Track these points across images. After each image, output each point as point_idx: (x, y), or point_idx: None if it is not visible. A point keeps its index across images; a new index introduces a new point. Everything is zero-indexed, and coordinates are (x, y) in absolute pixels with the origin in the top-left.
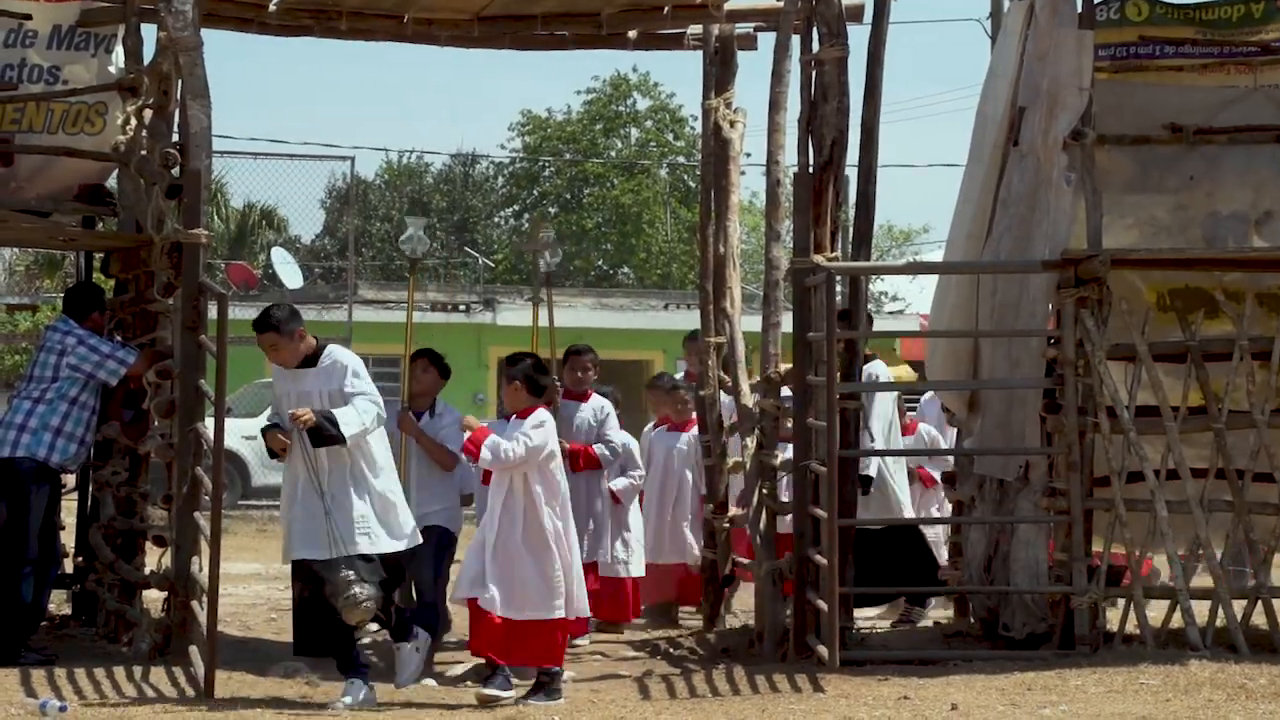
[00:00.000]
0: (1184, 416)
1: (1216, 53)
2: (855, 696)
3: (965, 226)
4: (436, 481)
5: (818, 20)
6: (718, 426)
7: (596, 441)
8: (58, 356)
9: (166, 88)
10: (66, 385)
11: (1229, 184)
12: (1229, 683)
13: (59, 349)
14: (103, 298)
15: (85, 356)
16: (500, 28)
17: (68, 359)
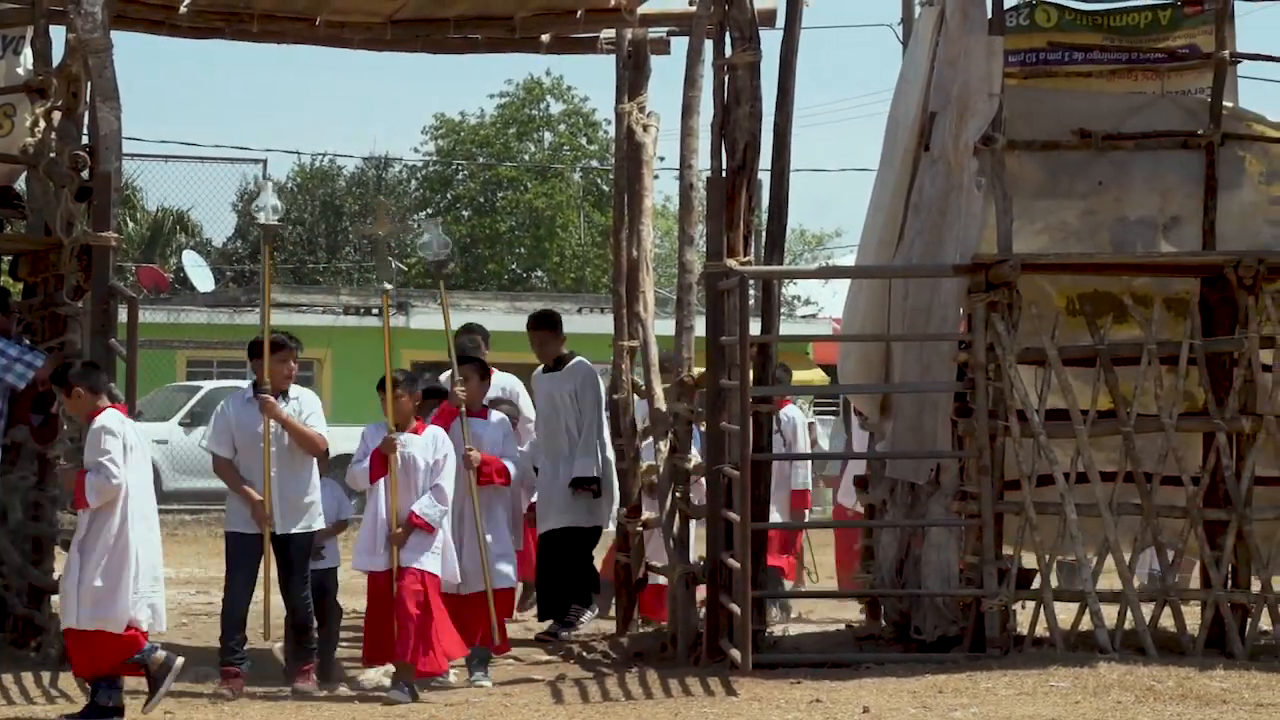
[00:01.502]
0: (1093, 420)
1: (1124, 59)
2: (767, 699)
3: (877, 231)
4: None
5: (730, 25)
6: (631, 431)
7: None
8: None
9: (76, 90)
10: None
11: (1137, 189)
12: (1137, 685)
13: None
14: (7, 300)
15: None
16: (413, 31)
17: None
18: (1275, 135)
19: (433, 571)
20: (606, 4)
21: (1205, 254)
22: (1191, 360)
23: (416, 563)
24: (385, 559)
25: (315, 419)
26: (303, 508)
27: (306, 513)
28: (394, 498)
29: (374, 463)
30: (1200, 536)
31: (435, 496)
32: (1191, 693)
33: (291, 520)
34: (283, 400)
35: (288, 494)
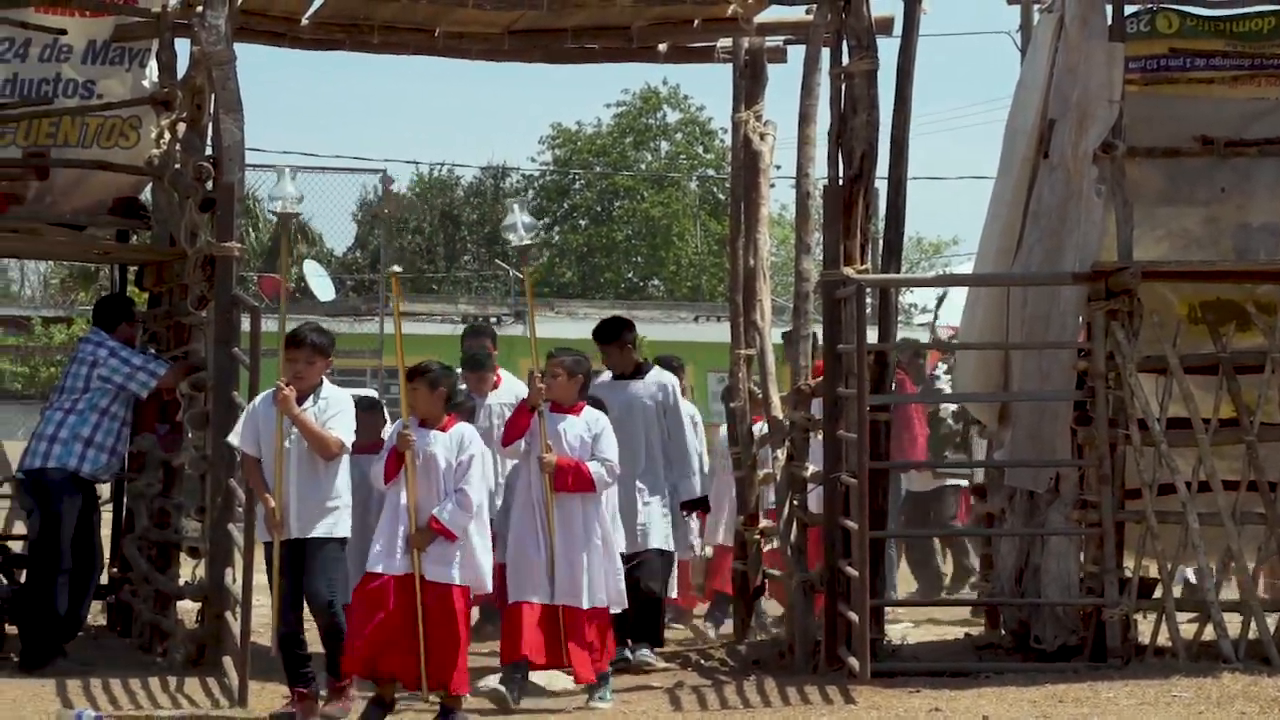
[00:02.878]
0: (1215, 429)
1: (1247, 65)
2: (886, 708)
3: (995, 239)
4: None
5: (847, 33)
6: (748, 438)
7: None
8: (89, 368)
9: (200, 101)
10: (97, 396)
11: (1260, 196)
12: (1262, 695)
13: (90, 360)
14: (132, 309)
15: (116, 368)
16: (531, 41)
17: (98, 370)
18: None
19: (460, 584)
20: (723, 13)
21: None
22: None
23: (445, 577)
24: (404, 563)
25: (338, 421)
26: (323, 511)
27: (328, 516)
28: (411, 498)
29: (389, 461)
30: None
31: (459, 502)
32: None
33: (309, 523)
34: (310, 400)
35: (306, 496)
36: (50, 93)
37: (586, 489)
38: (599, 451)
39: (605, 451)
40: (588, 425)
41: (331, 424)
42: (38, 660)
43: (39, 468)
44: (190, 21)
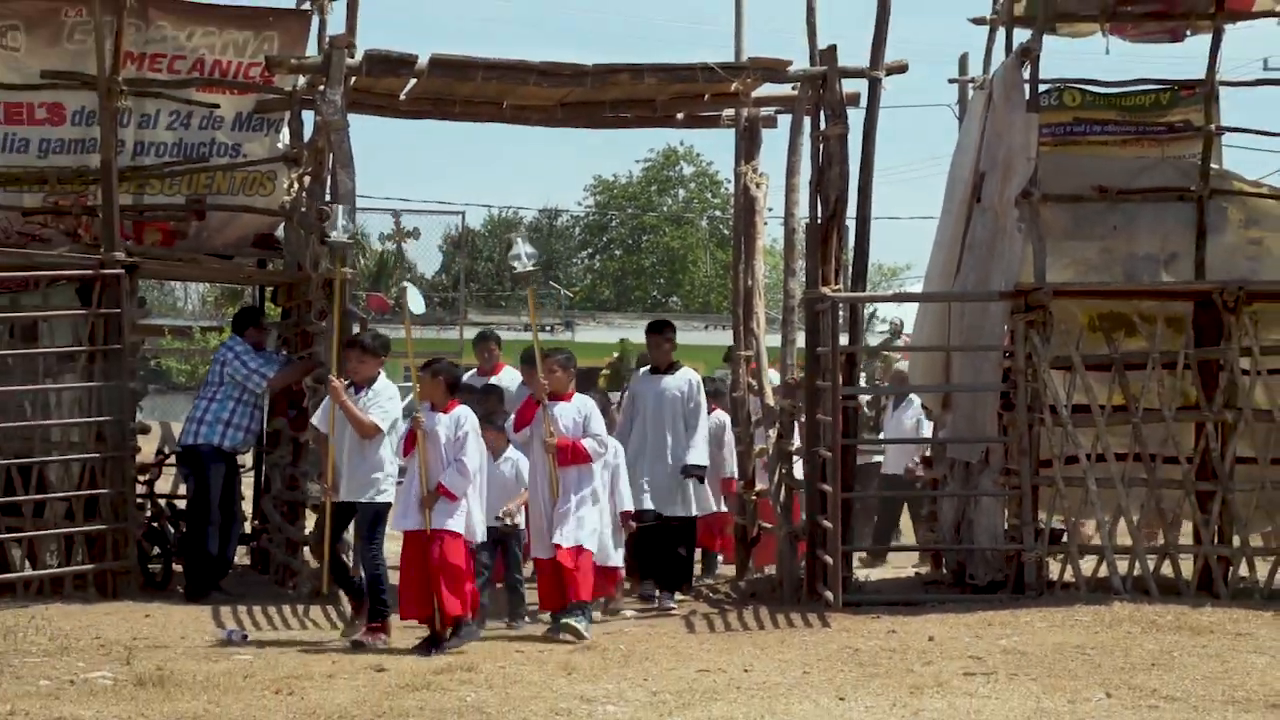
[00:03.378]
0: (1109, 413)
1: (1133, 131)
2: (854, 630)
3: (939, 265)
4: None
5: (824, 105)
6: (747, 420)
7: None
8: (222, 366)
9: (321, 159)
10: (230, 388)
11: (1143, 233)
12: (1144, 619)
13: (223, 361)
14: (259, 316)
15: (237, 369)
16: (577, 111)
17: (227, 369)
18: (1252, 191)
19: (455, 531)
20: (728, 89)
21: (1197, 283)
22: (1186, 365)
23: (442, 525)
24: (417, 520)
25: (377, 409)
26: (367, 481)
27: (371, 485)
28: (423, 468)
29: (408, 439)
30: (1193, 503)
31: (459, 470)
32: (1186, 625)
33: (356, 491)
34: (364, 391)
35: (354, 468)
36: (207, 153)
37: (584, 461)
38: (590, 429)
39: (595, 428)
40: (578, 409)
41: (371, 411)
42: (197, 592)
43: (191, 444)
44: (314, 97)
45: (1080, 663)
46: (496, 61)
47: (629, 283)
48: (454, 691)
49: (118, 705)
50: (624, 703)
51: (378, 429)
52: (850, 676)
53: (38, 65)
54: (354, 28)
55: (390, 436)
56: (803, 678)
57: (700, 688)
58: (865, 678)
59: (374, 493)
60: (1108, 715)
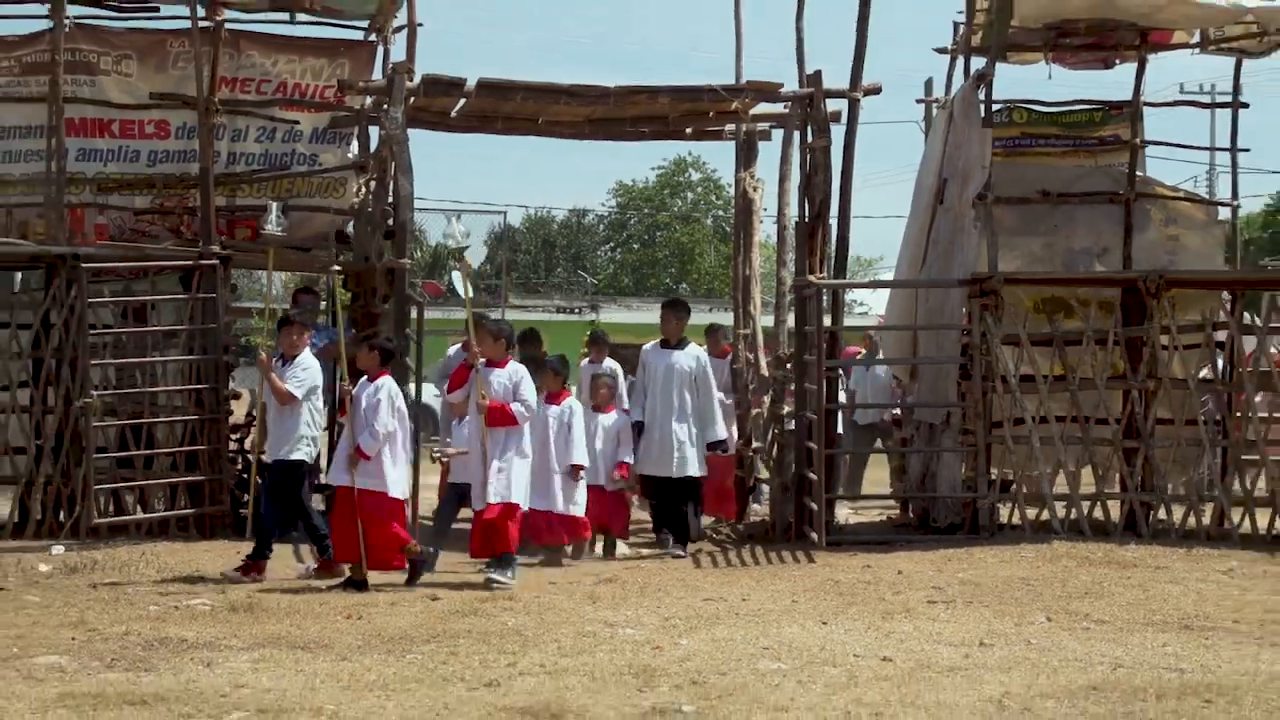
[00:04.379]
0: (1050, 382)
1: (1072, 144)
2: (835, 565)
3: (908, 257)
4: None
5: (811, 121)
6: (744, 389)
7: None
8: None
9: (384, 167)
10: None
11: (1080, 230)
12: (1079, 554)
13: None
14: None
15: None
16: (602, 126)
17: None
18: (1170, 195)
19: (374, 489)
20: (729, 108)
21: (1124, 272)
22: (1115, 342)
23: (362, 483)
24: (347, 477)
25: (295, 381)
26: (285, 441)
27: (286, 444)
28: (350, 430)
29: (340, 403)
30: (1120, 458)
31: (372, 433)
32: (1113, 560)
33: (274, 450)
34: (289, 364)
35: (274, 430)
36: (288, 162)
37: (510, 424)
38: (519, 395)
39: (524, 394)
40: (510, 375)
41: (291, 381)
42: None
43: None
44: (379, 115)
45: (1025, 592)
46: (532, 84)
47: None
48: (497, 617)
49: (214, 627)
50: (640, 626)
51: (292, 396)
52: (832, 604)
53: (147, 88)
54: (413, 55)
55: (308, 403)
56: (791, 605)
57: (705, 614)
58: (844, 605)
59: (289, 451)
60: (1048, 635)
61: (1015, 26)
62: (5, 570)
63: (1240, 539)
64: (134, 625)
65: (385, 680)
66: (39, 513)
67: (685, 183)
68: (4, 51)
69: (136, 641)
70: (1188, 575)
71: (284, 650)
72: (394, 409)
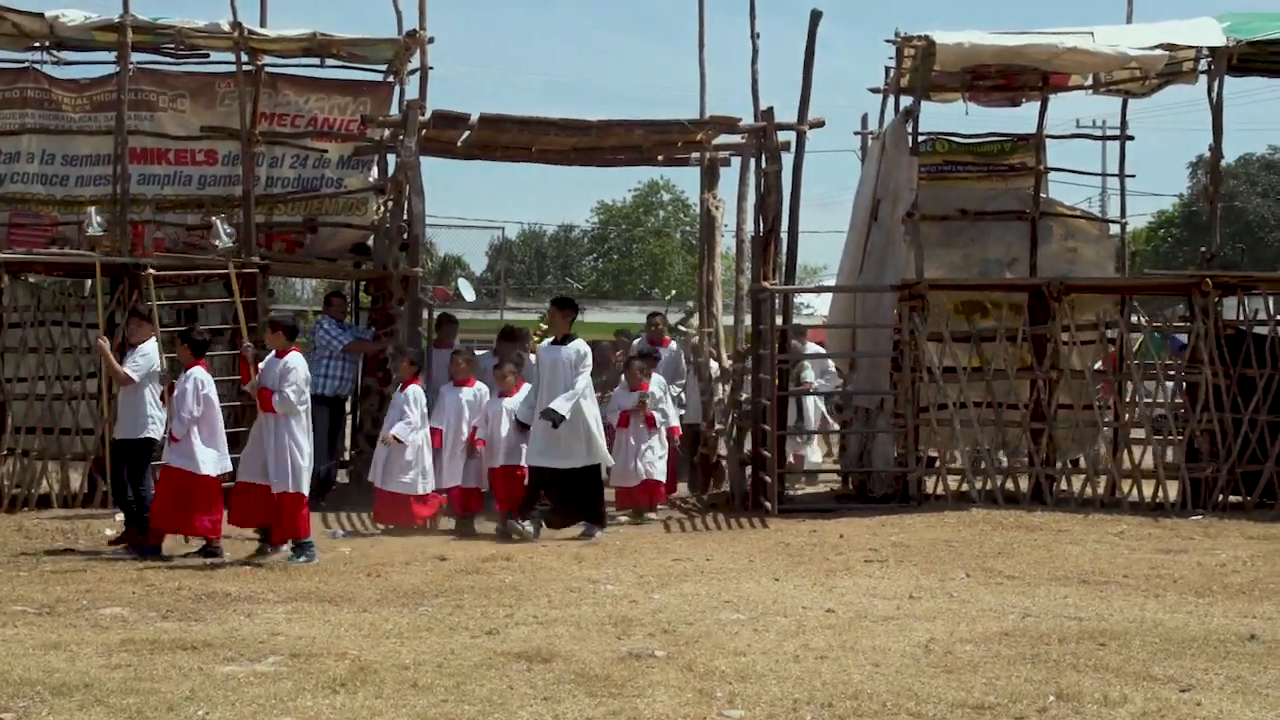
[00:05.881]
0: (969, 373)
1: (986, 169)
2: (786, 530)
3: (848, 266)
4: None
5: (765, 150)
6: (709, 379)
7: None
8: (314, 336)
9: (399, 189)
10: (324, 350)
11: (993, 243)
12: (992, 520)
13: (314, 332)
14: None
15: (321, 337)
16: (586, 154)
17: (317, 336)
18: (1069, 213)
19: (180, 467)
20: (695, 138)
21: (1031, 279)
22: (1024, 338)
23: (180, 464)
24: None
25: (131, 364)
26: (131, 422)
27: (130, 426)
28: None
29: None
30: (1028, 438)
31: (179, 419)
32: (1022, 525)
33: (123, 430)
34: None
35: (123, 412)
36: (318, 185)
37: (272, 411)
38: (283, 384)
39: (285, 384)
40: (284, 364)
41: (128, 364)
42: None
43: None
44: (396, 144)
45: (948, 552)
46: (526, 118)
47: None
48: (496, 575)
49: (254, 583)
50: (619, 583)
51: (130, 379)
52: (783, 564)
53: (198, 122)
54: (425, 94)
55: (146, 389)
56: (749, 565)
57: (675, 572)
58: (794, 564)
59: (139, 429)
60: (967, 589)
61: (937, 70)
62: (77, 534)
63: (1129, 506)
64: (185, 581)
65: (400, 629)
66: (105, 485)
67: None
68: (77, 92)
69: (187, 595)
70: (1085, 537)
71: (313, 603)
72: (199, 397)
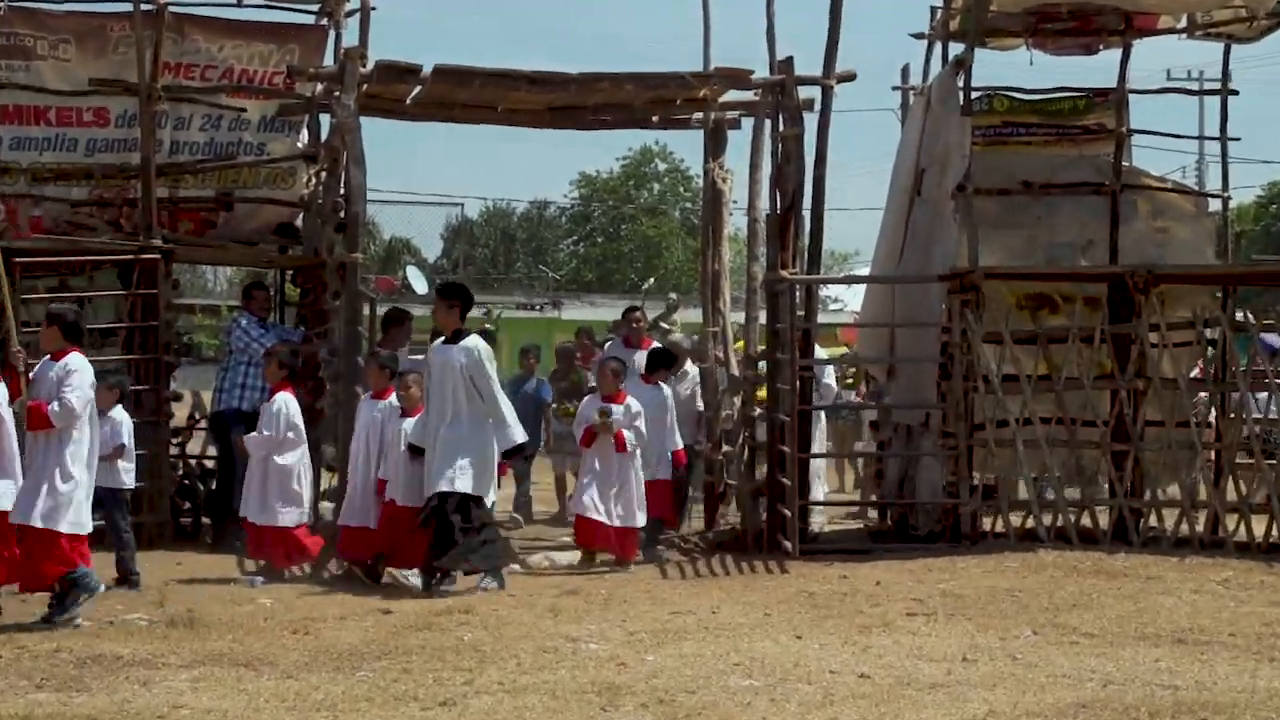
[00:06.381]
0: (1035, 381)
1: (1054, 133)
2: (810, 576)
3: (885, 250)
4: None
5: (782, 110)
6: (714, 390)
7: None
8: (229, 337)
9: (335, 156)
10: (240, 355)
11: (1063, 222)
12: (1065, 564)
13: (229, 332)
14: (263, 285)
15: (239, 338)
16: (564, 114)
17: (233, 338)
18: (1158, 185)
19: None
20: (697, 95)
21: (1111, 267)
22: (1102, 340)
23: None
24: None
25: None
26: None
27: None
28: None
29: None
30: (1109, 462)
31: None
32: (1103, 570)
33: None
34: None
35: None
36: (234, 151)
37: (48, 427)
38: (61, 390)
39: (64, 389)
40: (64, 366)
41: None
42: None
43: (216, 411)
44: (330, 102)
45: (1010, 604)
46: (492, 71)
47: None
48: (453, 631)
49: (152, 644)
50: (605, 641)
51: None
52: (806, 617)
53: (86, 74)
54: (366, 40)
55: None
56: (764, 619)
57: (673, 628)
58: (820, 618)
59: None
60: (1034, 650)
61: (994, 10)
62: None
63: (1235, 547)
64: (65, 641)
65: (333, 700)
66: None
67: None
68: None
69: (68, 659)
70: (1181, 586)
71: (225, 668)
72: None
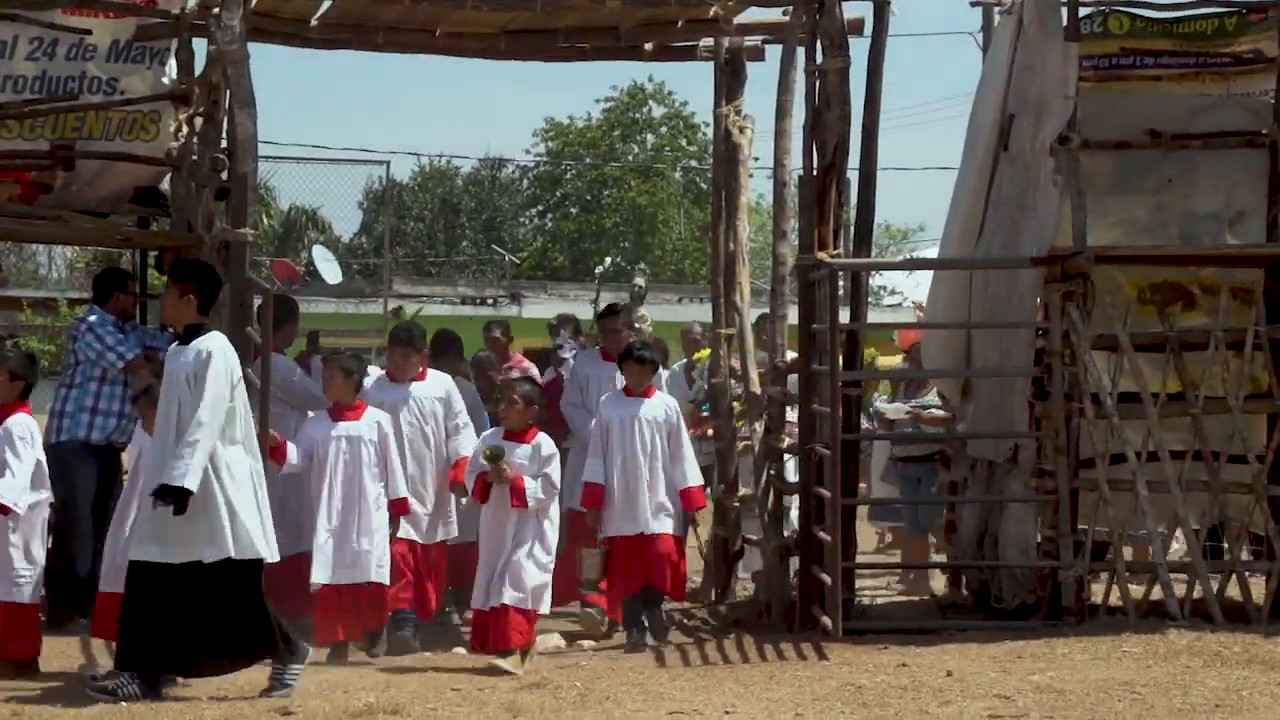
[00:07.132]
0: (1163, 402)
1: (1192, 63)
2: (857, 664)
3: (959, 225)
4: None
5: (821, 33)
6: (728, 413)
7: None
8: (74, 342)
9: (216, 97)
10: (89, 368)
11: (1204, 186)
12: (1205, 650)
13: (74, 336)
14: (125, 279)
15: (90, 345)
16: (525, 41)
17: (78, 346)
18: None
19: None
20: (705, 14)
21: (1269, 246)
22: (1256, 346)
23: None
24: None
25: None
26: None
27: None
28: None
29: None
30: (1265, 511)
31: None
32: (1257, 658)
33: None
34: None
35: None
36: (76, 89)
37: None
38: None
39: None
40: None
41: None
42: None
43: (54, 442)
44: (207, 22)
45: (1129, 703)
46: None
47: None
48: None
49: None
50: None
51: None
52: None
53: None
54: None
55: None
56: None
57: None
58: None
59: None
60: None
61: None
62: None
63: None
64: None
65: None
66: None
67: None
68: None
69: None
70: None
71: None
72: None
